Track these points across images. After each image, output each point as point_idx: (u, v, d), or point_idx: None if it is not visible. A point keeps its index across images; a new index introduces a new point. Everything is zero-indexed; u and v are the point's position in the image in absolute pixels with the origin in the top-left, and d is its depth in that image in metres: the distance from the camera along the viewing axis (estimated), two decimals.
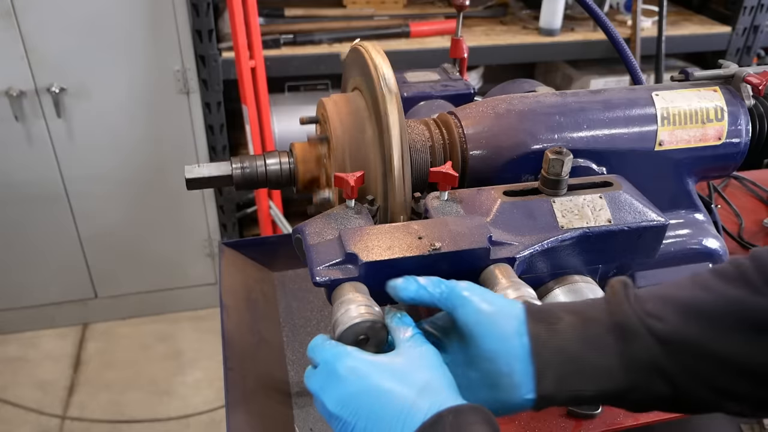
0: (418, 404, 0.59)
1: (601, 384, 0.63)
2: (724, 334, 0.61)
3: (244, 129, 2.33)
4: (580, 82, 2.73)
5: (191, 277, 2.83)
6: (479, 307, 0.65)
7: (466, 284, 0.68)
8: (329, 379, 0.64)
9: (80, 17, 2.12)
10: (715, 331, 0.61)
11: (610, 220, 0.83)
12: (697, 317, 0.62)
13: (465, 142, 0.92)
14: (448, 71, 1.25)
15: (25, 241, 2.53)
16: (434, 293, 0.67)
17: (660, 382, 0.62)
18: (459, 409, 0.58)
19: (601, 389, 0.63)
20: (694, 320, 0.61)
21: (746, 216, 1.50)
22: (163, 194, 2.54)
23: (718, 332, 0.61)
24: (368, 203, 0.86)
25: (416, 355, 0.64)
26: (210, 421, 2.47)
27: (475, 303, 0.66)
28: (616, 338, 0.62)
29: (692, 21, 2.74)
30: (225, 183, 0.95)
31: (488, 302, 0.66)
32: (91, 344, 2.76)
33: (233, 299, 1.14)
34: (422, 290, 0.68)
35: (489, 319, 0.65)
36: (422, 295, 0.68)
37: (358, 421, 0.60)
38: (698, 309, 0.62)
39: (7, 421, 2.42)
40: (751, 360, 0.60)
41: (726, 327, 0.61)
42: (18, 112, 2.22)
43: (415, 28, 2.43)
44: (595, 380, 0.63)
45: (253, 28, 2.13)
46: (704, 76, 1.01)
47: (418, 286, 0.68)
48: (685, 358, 0.61)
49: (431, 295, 0.67)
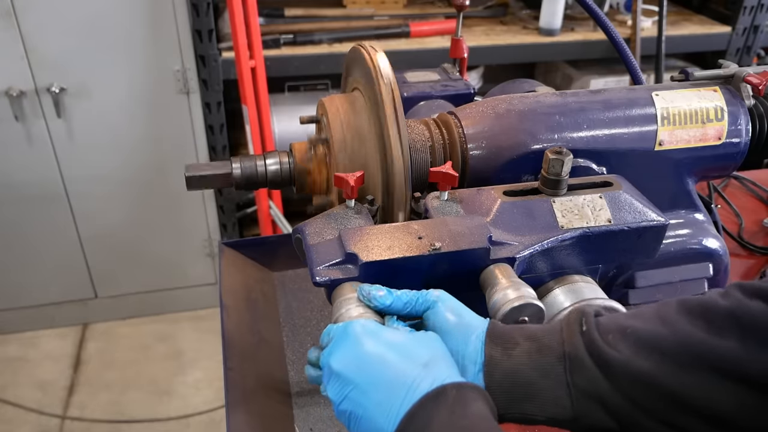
0: (422, 376, 0.60)
1: (550, 411, 0.64)
2: (678, 371, 0.60)
3: (244, 129, 2.33)
4: (580, 82, 2.73)
5: (191, 277, 2.83)
6: (444, 316, 0.69)
7: (438, 292, 0.72)
8: (340, 339, 0.65)
9: (80, 17, 2.12)
10: (669, 367, 0.60)
11: (610, 220, 0.83)
12: (652, 352, 0.61)
13: (465, 142, 0.92)
14: (448, 71, 1.25)
15: (25, 241, 2.53)
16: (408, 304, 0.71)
17: (603, 414, 0.63)
18: (462, 385, 0.60)
19: (550, 416, 0.64)
20: (648, 354, 0.61)
21: (746, 216, 1.50)
22: (163, 194, 2.54)
23: (672, 368, 0.60)
24: (368, 203, 0.86)
25: (422, 335, 0.66)
26: (210, 421, 2.47)
27: (441, 311, 0.70)
28: (564, 368, 0.63)
29: (692, 21, 2.74)
30: (225, 183, 0.95)
31: (453, 312, 0.69)
32: (91, 344, 2.76)
33: (233, 299, 1.14)
34: (397, 300, 0.71)
35: (449, 328, 0.68)
36: (397, 303, 0.71)
37: (360, 383, 0.62)
38: (654, 344, 0.62)
39: (7, 421, 2.42)
40: (707, 401, 0.59)
41: (680, 365, 0.60)
42: (18, 112, 2.22)
43: (415, 28, 2.43)
44: (544, 407, 0.64)
45: (253, 28, 2.13)
46: (704, 76, 1.01)
47: (393, 295, 0.71)
48: (635, 391, 0.61)
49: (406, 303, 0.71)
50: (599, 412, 0.63)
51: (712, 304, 0.62)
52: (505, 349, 0.66)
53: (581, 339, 0.64)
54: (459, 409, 0.57)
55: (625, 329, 0.64)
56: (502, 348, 0.66)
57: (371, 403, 0.60)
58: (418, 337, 0.65)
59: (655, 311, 0.66)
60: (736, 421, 0.58)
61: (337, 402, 0.63)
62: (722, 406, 0.59)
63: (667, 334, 0.62)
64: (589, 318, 0.66)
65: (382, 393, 0.60)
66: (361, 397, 0.61)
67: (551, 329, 0.67)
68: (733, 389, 0.58)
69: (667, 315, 0.64)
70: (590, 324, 0.65)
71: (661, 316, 0.64)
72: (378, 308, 0.70)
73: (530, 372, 0.64)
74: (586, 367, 0.63)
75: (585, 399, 0.63)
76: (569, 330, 0.66)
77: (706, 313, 0.62)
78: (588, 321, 0.66)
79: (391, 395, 0.60)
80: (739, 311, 0.60)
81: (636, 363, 0.61)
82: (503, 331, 0.68)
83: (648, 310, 0.67)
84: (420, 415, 0.58)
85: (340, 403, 0.63)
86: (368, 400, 0.61)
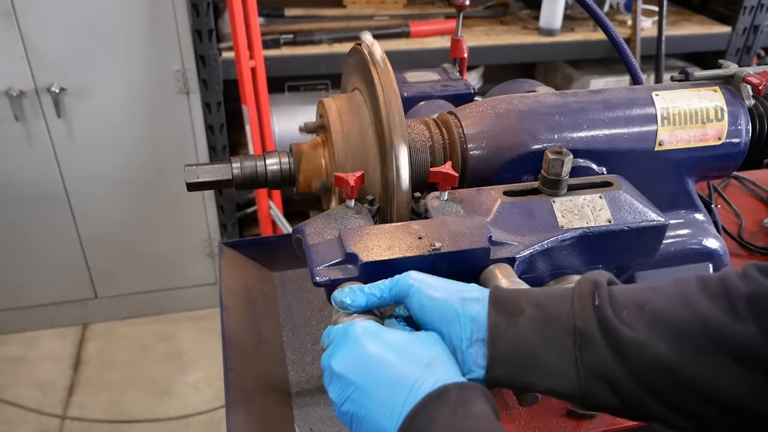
0: (424, 376, 0.60)
1: (554, 383, 0.63)
2: (696, 356, 0.58)
3: (244, 129, 2.33)
4: (580, 82, 2.73)
5: (191, 277, 2.83)
6: (426, 294, 0.67)
7: (415, 274, 0.69)
8: (341, 341, 0.65)
9: (80, 17, 2.12)
10: (687, 351, 0.58)
11: (610, 220, 0.83)
12: (668, 333, 0.59)
13: (465, 142, 0.92)
14: (448, 71, 1.25)
15: (25, 242, 2.53)
16: (383, 293, 0.69)
17: (609, 393, 0.61)
18: (464, 385, 0.60)
19: (553, 387, 0.63)
20: (665, 336, 0.59)
21: (746, 216, 1.50)
22: (163, 194, 2.54)
23: (689, 353, 0.58)
24: (368, 203, 0.86)
25: (423, 336, 0.66)
26: (210, 421, 2.47)
27: (422, 291, 0.67)
28: (574, 343, 0.62)
29: (692, 21, 2.74)
30: (225, 183, 0.95)
31: (435, 289, 0.67)
32: (91, 344, 2.76)
33: (233, 299, 1.14)
34: (371, 296, 0.69)
35: (433, 305, 0.66)
36: (372, 299, 0.69)
37: (362, 384, 0.61)
38: (672, 325, 0.60)
39: (7, 421, 2.42)
40: (720, 387, 0.57)
41: (699, 349, 0.58)
42: (18, 112, 2.22)
43: (415, 28, 2.43)
44: (548, 378, 0.63)
45: (253, 28, 2.13)
46: (704, 76, 1.01)
47: (365, 294, 0.69)
48: (647, 374, 0.60)
49: (381, 297, 0.69)
50: (605, 391, 0.61)
51: (732, 286, 0.60)
52: (510, 316, 0.63)
53: (594, 314, 0.61)
54: (461, 409, 0.57)
55: (643, 306, 0.61)
56: (506, 315, 0.63)
57: (373, 403, 0.60)
58: (419, 338, 0.65)
59: (676, 288, 0.63)
60: (748, 408, 0.57)
61: (339, 403, 0.63)
62: (735, 392, 0.57)
63: (687, 315, 0.59)
64: (603, 290, 0.63)
65: (384, 393, 0.60)
66: (362, 398, 0.61)
67: (560, 297, 0.64)
68: (750, 376, 0.57)
69: (688, 294, 0.61)
70: (603, 297, 0.62)
71: (681, 294, 0.62)
72: (359, 310, 0.69)
73: (536, 342, 0.62)
74: (598, 346, 0.60)
75: (593, 376, 0.61)
76: (581, 303, 0.62)
77: (728, 294, 0.59)
78: (601, 294, 0.62)
79: (393, 396, 0.60)
80: (759, 296, 0.58)
81: (652, 345, 0.59)
82: (507, 295, 0.65)
83: (667, 286, 0.64)
84: (422, 416, 0.58)
85: (342, 404, 0.63)
86: (370, 400, 0.61)
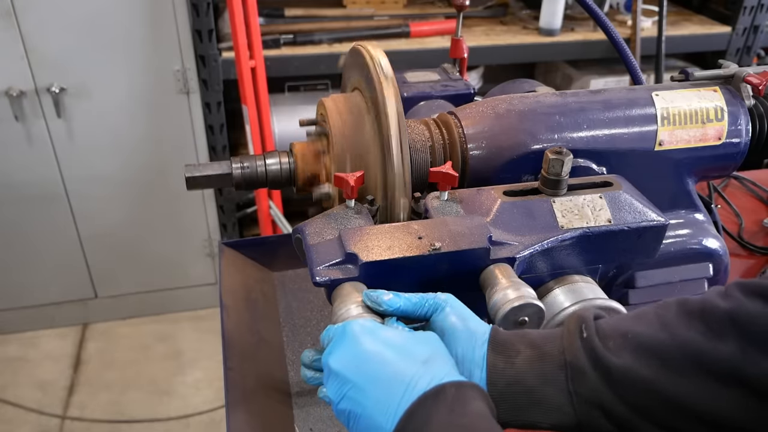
0: (421, 373, 0.60)
1: (554, 417, 0.64)
2: (677, 378, 0.60)
3: (244, 129, 2.33)
4: (580, 82, 2.73)
5: (191, 277, 2.83)
6: (452, 320, 0.69)
7: (445, 295, 0.72)
8: (339, 339, 0.66)
9: (80, 17, 2.12)
10: (669, 373, 0.60)
11: (610, 220, 0.83)
12: (651, 358, 0.61)
13: (465, 142, 0.92)
14: (448, 71, 1.25)
15: (25, 241, 2.53)
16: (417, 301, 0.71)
17: (604, 420, 0.63)
18: (461, 384, 0.60)
19: (554, 422, 0.64)
20: (648, 361, 0.61)
21: (746, 216, 1.50)
22: (163, 194, 2.54)
23: (671, 375, 0.60)
24: (368, 203, 0.86)
25: (421, 334, 0.67)
26: (210, 421, 2.47)
27: (449, 314, 0.70)
28: (566, 376, 0.64)
29: (692, 21, 2.74)
30: (225, 183, 0.94)
31: (460, 317, 0.69)
32: (91, 344, 2.76)
33: (233, 299, 1.14)
34: (406, 302, 0.71)
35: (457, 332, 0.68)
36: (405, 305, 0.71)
37: (359, 381, 0.62)
38: (654, 350, 0.62)
39: (7, 421, 2.42)
40: (707, 406, 0.59)
41: (680, 371, 0.60)
42: (18, 112, 2.22)
43: (415, 28, 2.43)
44: (548, 414, 0.64)
45: (253, 28, 2.13)
46: (704, 76, 1.01)
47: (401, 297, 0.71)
48: (636, 398, 0.61)
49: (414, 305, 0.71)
50: (600, 419, 0.63)
51: (711, 306, 0.62)
52: (507, 357, 0.66)
53: (582, 346, 0.64)
54: (458, 408, 0.57)
55: (626, 334, 0.64)
56: (504, 356, 0.66)
57: (370, 401, 0.60)
58: (417, 336, 0.66)
59: (655, 314, 0.65)
60: (738, 426, 0.58)
61: (336, 401, 0.63)
62: (723, 411, 0.58)
63: (666, 339, 0.62)
64: (589, 323, 0.66)
65: (380, 391, 0.60)
66: (359, 395, 0.61)
67: (552, 336, 0.67)
68: (733, 394, 0.58)
69: (667, 318, 0.64)
70: (590, 330, 0.65)
71: (660, 319, 0.64)
72: (387, 312, 0.70)
73: (533, 380, 0.64)
74: (588, 376, 0.63)
75: (587, 406, 0.63)
76: (570, 337, 0.65)
77: (705, 315, 0.61)
78: (588, 327, 0.65)
79: (390, 393, 0.60)
80: (738, 313, 0.59)
81: (636, 370, 0.61)
82: (505, 338, 0.68)
83: (648, 312, 0.66)
84: (419, 413, 0.58)
85: (339, 401, 0.63)
86: (367, 398, 0.61)
